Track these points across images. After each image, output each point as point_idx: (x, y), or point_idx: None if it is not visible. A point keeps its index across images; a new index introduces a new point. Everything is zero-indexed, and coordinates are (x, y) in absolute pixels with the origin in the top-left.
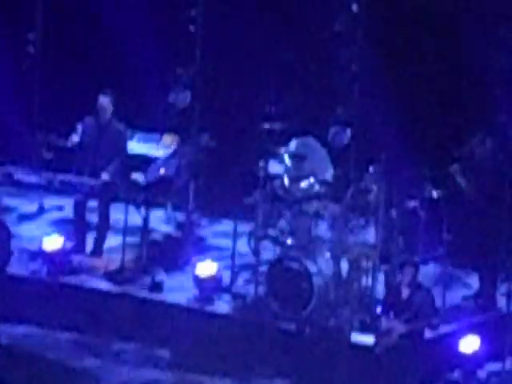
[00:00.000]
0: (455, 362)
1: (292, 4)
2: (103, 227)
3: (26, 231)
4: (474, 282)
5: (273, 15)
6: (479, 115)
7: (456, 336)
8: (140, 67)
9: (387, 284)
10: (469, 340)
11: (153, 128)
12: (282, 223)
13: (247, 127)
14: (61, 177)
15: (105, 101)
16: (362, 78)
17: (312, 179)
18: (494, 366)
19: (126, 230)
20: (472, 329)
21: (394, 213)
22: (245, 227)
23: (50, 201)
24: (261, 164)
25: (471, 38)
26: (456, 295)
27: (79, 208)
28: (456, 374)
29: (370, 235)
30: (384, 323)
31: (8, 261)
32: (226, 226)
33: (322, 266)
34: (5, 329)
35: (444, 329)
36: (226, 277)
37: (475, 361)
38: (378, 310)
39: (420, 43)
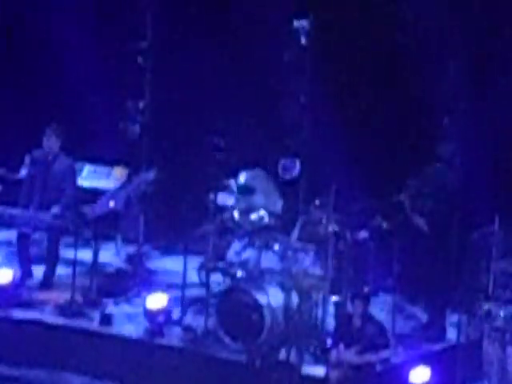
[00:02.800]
0: None
1: (241, 35)
2: (52, 260)
3: None
4: (423, 312)
5: (222, 46)
6: (428, 145)
7: (406, 367)
8: (89, 100)
9: (337, 315)
10: (419, 371)
11: (102, 161)
12: (232, 255)
13: (196, 159)
14: (9, 210)
15: (51, 134)
16: (310, 109)
17: (262, 211)
18: None
19: (75, 263)
20: (422, 360)
21: (343, 244)
22: (195, 259)
23: None
24: (210, 196)
25: (418, 69)
26: (406, 326)
27: (23, 241)
28: None
29: (321, 266)
30: (335, 355)
31: None
32: (176, 258)
33: (272, 297)
34: None
35: (394, 360)
36: (177, 309)
37: None
38: (329, 341)
39: (367, 75)
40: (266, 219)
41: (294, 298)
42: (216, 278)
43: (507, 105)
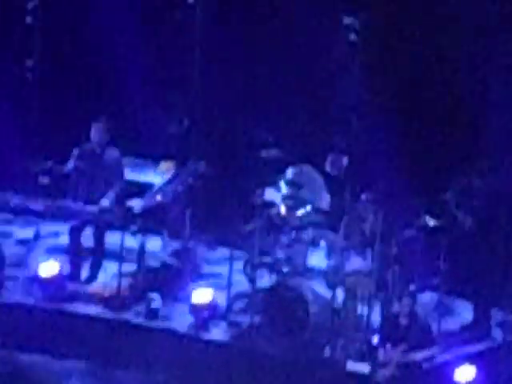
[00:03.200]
0: None
1: (292, 31)
2: (99, 254)
3: (21, 257)
4: (469, 311)
5: (273, 42)
6: (478, 148)
7: (451, 366)
8: (137, 94)
9: (383, 313)
10: (464, 370)
11: (150, 155)
12: (278, 251)
13: (244, 155)
14: (57, 203)
15: (99, 128)
16: (359, 105)
17: (309, 207)
18: None
19: (121, 257)
20: (467, 359)
21: (390, 241)
22: (241, 255)
23: (47, 227)
24: (258, 192)
25: (470, 66)
26: (451, 324)
27: (75, 234)
28: None
29: (367, 264)
30: (382, 353)
31: (1, 287)
32: (223, 253)
33: (317, 294)
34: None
35: (440, 358)
36: (222, 304)
37: None
38: (375, 339)
39: (417, 72)
40: (313, 215)
41: (340, 295)
42: (262, 274)
43: None
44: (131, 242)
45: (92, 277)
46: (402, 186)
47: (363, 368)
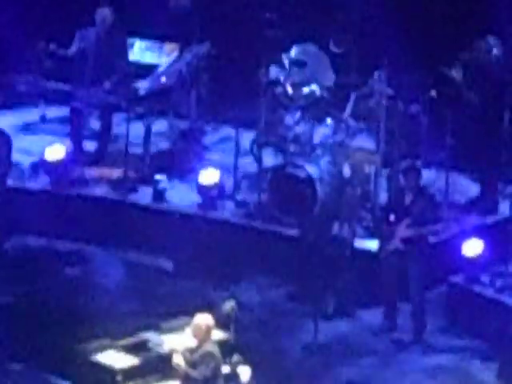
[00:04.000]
0: (458, 265)
1: None
2: (105, 136)
3: (27, 142)
4: (475, 186)
5: None
6: (479, 18)
7: (459, 240)
8: None
9: (390, 189)
10: (472, 244)
11: (154, 36)
12: (284, 130)
13: (248, 34)
14: (62, 86)
15: (104, 11)
16: None
17: (314, 85)
18: (497, 269)
19: (128, 139)
20: (475, 232)
21: (396, 117)
22: (248, 134)
23: (52, 111)
24: (262, 71)
25: None
26: (458, 199)
27: (75, 116)
28: (459, 278)
29: (373, 140)
30: (387, 228)
31: (8, 172)
32: (229, 132)
33: (324, 171)
34: (8, 240)
35: (447, 233)
36: (229, 184)
37: (478, 264)
38: (382, 215)
39: None
40: (319, 93)
41: (347, 172)
42: (269, 153)
43: None
44: (137, 123)
45: (99, 160)
46: (408, 61)
47: (371, 245)
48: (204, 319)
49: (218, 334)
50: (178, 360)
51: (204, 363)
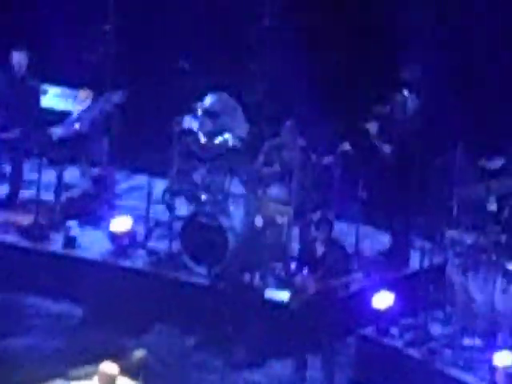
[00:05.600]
0: (368, 317)
1: None
2: (16, 181)
3: None
4: (386, 239)
5: None
6: (398, 74)
7: (369, 292)
8: (54, 22)
9: (302, 240)
10: (382, 296)
11: (68, 83)
12: (197, 179)
13: (162, 82)
14: None
15: (19, 56)
16: (274, 30)
17: (227, 135)
18: (406, 322)
19: (39, 185)
20: (385, 285)
21: (308, 168)
22: (160, 183)
23: None
24: (176, 119)
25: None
26: (369, 251)
27: None
28: (369, 330)
29: (285, 191)
30: (298, 280)
31: None
32: (141, 180)
33: (236, 221)
34: None
35: (357, 285)
36: (141, 232)
37: (388, 316)
38: (293, 266)
39: None
40: (232, 143)
41: (259, 222)
42: (180, 202)
43: (470, 30)
44: (49, 170)
45: (10, 205)
46: (322, 112)
47: (282, 295)
48: (108, 368)
49: (126, 383)
50: None
51: None
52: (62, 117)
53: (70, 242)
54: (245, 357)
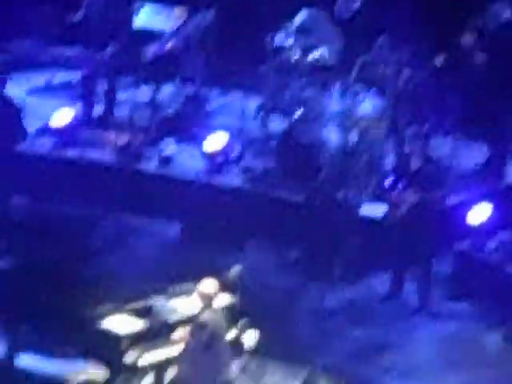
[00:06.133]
0: (465, 232)
1: None
2: (111, 100)
3: (34, 106)
4: (483, 151)
5: None
6: None
7: (466, 206)
8: None
9: (396, 155)
10: (479, 210)
11: (163, 0)
12: (291, 95)
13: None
14: (68, 51)
15: None
16: None
17: (320, 51)
18: (503, 236)
19: (134, 105)
20: (482, 198)
21: (402, 83)
22: (255, 100)
23: (59, 76)
24: (269, 36)
25: None
26: (465, 165)
27: (87, 81)
28: (465, 245)
29: (380, 106)
30: (394, 195)
31: (23, 140)
32: (235, 98)
33: (330, 137)
34: (16, 204)
35: (454, 199)
36: (235, 150)
37: (485, 231)
38: (388, 181)
39: None
40: (325, 59)
41: (353, 138)
42: (275, 118)
43: None
44: (144, 89)
45: (105, 124)
46: (415, 26)
47: (377, 211)
48: (207, 286)
49: (224, 299)
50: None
51: (201, 331)
52: (156, 35)
53: (165, 160)
54: (341, 273)
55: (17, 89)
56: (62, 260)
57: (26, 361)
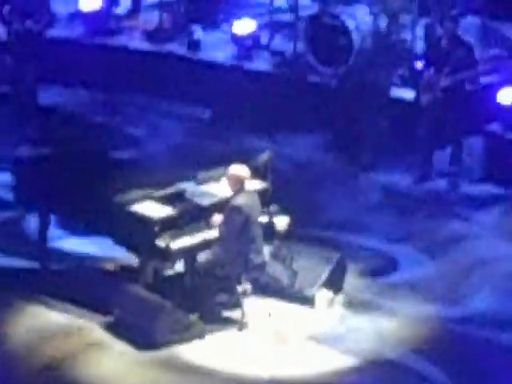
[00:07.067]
0: (495, 114)
1: None
2: None
3: None
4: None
5: None
6: None
7: (496, 88)
8: None
9: (427, 38)
10: (508, 91)
11: None
12: None
13: None
14: None
15: None
16: None
17: None
18: None
19: None
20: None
21: None
22: None
23: None
24: None
25: None
26: (495, 47)
27: None
28: (496, 126)
29: None
30: (425, 77)
31: (50, 23)
32: None
33: (360, 21)
34: (45, 91)
35: (484, 81)
36: (265, 34)
37: None
38: (419, 64)
39: None
40: None
41: (383, 21)
42: (304, 2)
43: None
44: None
45: (134, 9)
46: None
47: (407, 94)
48: (239, 170)
49: (255, 184)
50: (216, 214)
51: (231, 216)
52: None
53: (194, 44)
54: (372, 158)
55: None
56: (89, 145)
57: (62, 243)
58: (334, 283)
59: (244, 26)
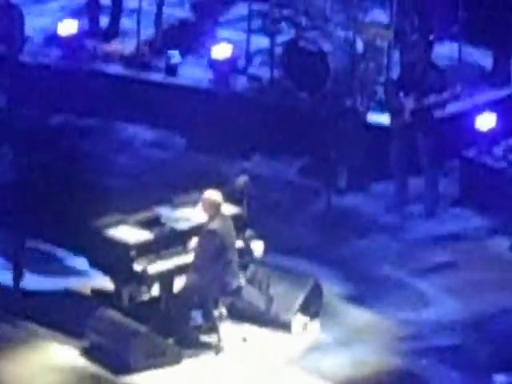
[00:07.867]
0: (471, 139)
1: None
2: (117, 11)
3: (38, 17)
4: (488, 60)
5: None
6: None
7: (472, 114)
8: None
9: (402, 63)
10: (485, 117)
11: None
12: (297, 4)
13: None
14: None
15: None
16: None
17: None
18: (509, 142)
19: (140, 14)
20: (488, 106)
21: None
22: (260, 8)
23: None
24: None
25: None
26: (471, 73)
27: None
28: (472, 152)
29: (385, 15)
30: (397, 101)
31: (22, 47)
32: (241, 8)
33: (336, 46)
34: (21, 114)
35: (459, 106)
36: (242, 59)
37: (491, 138)
38: (392, 89)
39: None
40: None
41: (360, 46)
42: (281, 28)
43: None
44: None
45: (111, 34)
46: None
47: (383, 119)
48: (212, 195)
49: (230, 209)
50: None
51: (206, 241)
52: None
53: (172, 70)
54: (348, 180)
55: None
56: (66, 170)
57: (32, 278)
58: (310, 308)
59: (221, 50)
